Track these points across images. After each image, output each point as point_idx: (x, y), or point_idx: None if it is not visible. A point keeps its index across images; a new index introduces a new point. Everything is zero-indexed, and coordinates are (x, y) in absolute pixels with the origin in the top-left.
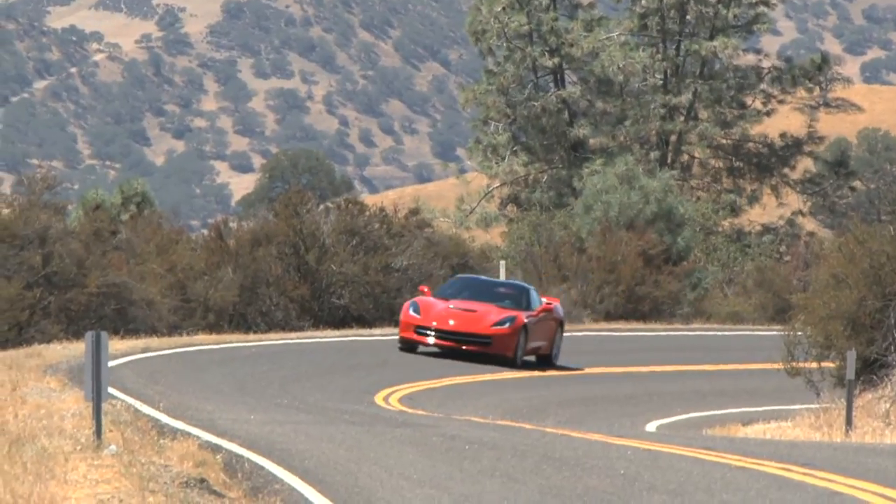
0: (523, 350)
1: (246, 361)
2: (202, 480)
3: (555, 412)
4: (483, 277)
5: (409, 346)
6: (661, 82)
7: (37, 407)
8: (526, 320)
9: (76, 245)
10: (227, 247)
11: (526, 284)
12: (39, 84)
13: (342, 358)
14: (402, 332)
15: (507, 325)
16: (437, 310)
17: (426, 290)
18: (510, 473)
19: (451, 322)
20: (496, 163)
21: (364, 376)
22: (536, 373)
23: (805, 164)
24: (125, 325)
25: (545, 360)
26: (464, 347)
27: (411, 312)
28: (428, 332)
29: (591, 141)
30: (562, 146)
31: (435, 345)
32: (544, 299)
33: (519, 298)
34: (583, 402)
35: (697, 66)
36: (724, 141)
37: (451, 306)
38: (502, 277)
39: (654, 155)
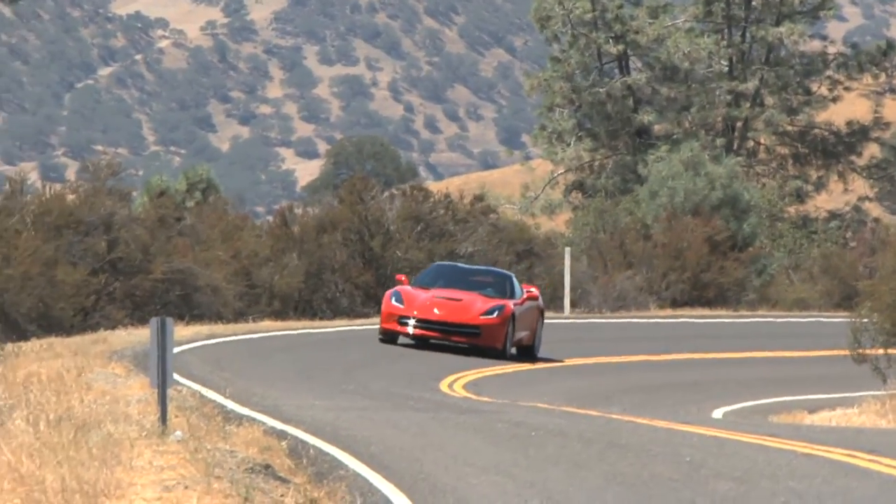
0: (511, 341)
1: (311, 348)
2: (267, 466)
3: (620, 399)
4: (462, 265)
5: (390, 338)
6: (726, 69)
7: (102, 393)
8: (514, 309)
9: (141, 231)
10: (292, 233)
11: (506, 271)
12: (104, 71)
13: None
14: (383, 324)
15: (495, 314)
16: (421, 299)
17: (404, 279)
18: (575, 460)
19: (437, 311)
20: (561, 149)
21: (429, 363)
22: (603, 359)
23: (871, 150)
24: (190, 311)
25: (527, 352)
26: (452, 338)
27: (393, 302)
28: (411, 323)
29: (657, 127)
30: (627, 132)
31: (419, 336)
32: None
33: (502, 286)
34: (648, 389)
35: (763, 52)
36: (789, 127)
37: (435, 295)
38: (567, 265)
39: (719, 141)
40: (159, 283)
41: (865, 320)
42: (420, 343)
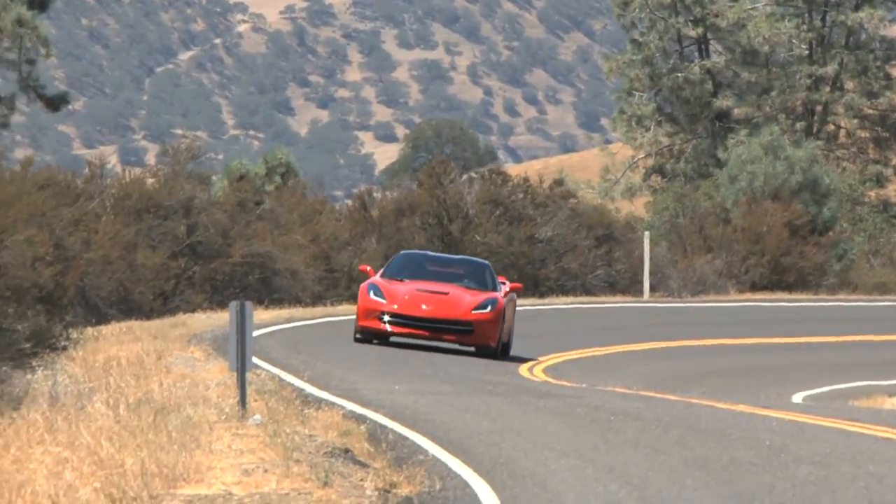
0: (502, 339)
1: None
2: (346, 451)
3: (700, 383)
4: (431, 253)
5: (370, 337)
6: (806, 52)
7: (181, 376)
8: (504, 302)
9: (220, 215)
10: (371, 217)
11: (482, 260)
12: (184, 55)
13: None
14: (361, 321)
15: (488, 308)
16: (403, 293)
17: (369, 269)
18: (654, 445)
19: (424, 307)
20: (640, 133)
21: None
22: (682, 343)
23: None
24: (269, 294)
25: (503, 350)
26: (444, 337)
27: (372, 297)
28: (395, 320)
29: (736, 111)
30: (706, 117)
31: (405, 334)
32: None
33: (481, 276)
34: (727, 373)
35: (843, 36)
36: (870, 111)
37: (417, 288)
38: (646, 250)
39: (799, 125)
40: (238, 266)
41: None
42: (399, 343)
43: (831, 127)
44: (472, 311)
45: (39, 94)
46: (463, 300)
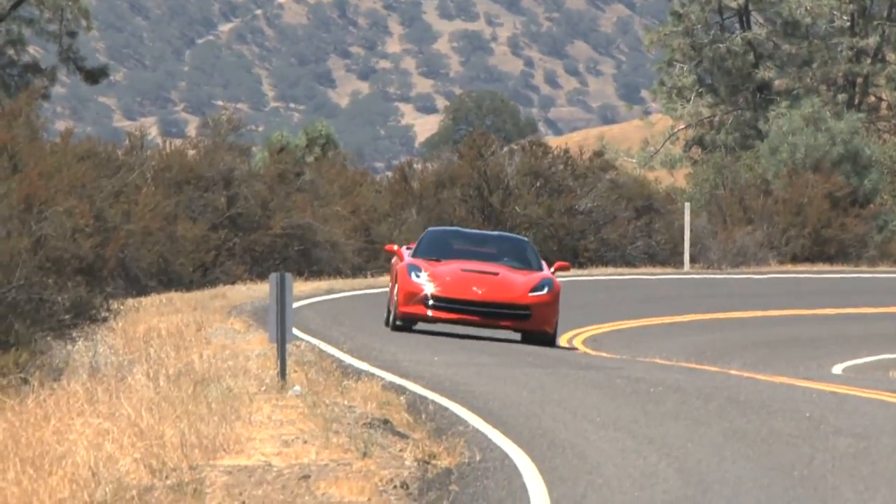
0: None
1: None
2: (386, 421)
3: (740, 354)
4: (463, 229)
5: (411, 324)
6: (848, 24)
7: (221, 348)
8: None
9: (261, 187)
10: (411, 188)
11: (520, 236)
12: (224, 27)
13: None
14: (402, 307)
15: (545, 290)
16: (450, 274)
17: (397, 248)
18: (694, 416)
19: (476, 290)
20: (681, 105)
21: None
22: (722, 315)
23: None
24: (309, 266)
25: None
26: (500, 324)
27: (414, 279)
28: (442, 305)
29: (777, 83)
30: (747, 88)
31: (453, 320)
32: None
33: (522, 254)
34: (768, 345)
35: (885, 8)
36: None
37: (464, 268)
38: (687, 221)
39: (840, 97)
40: (278, 238)
41: None
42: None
43: (872, 99)
44: (529, 294)
45: (80, 66)
46: (517, 281)
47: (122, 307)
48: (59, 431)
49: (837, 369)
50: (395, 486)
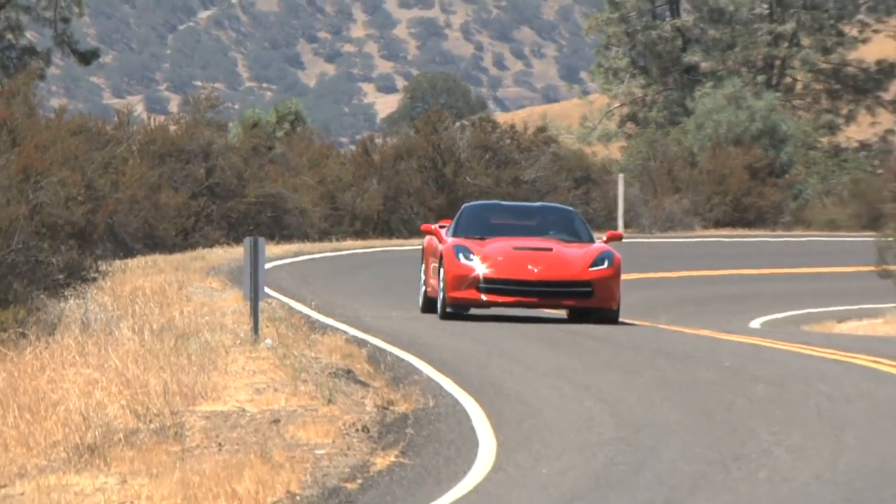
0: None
1: (389, 265)
2: (348, 371)
3: (668, 310)
4: (503, 202)
5: (463, 309)
6: (767, 12)
7: (200, 305)
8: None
9: (236, 159)
10: (373, 161)
11: (565, 206)
12: (203, 14)
13: None
14: (453, 292)
15: (605, 264)
16: (501, 252)
17: (434, 227)
18: (626, 366)
19: (533, 268)
20: (616, 85)
21: None
22: (652, 275)
23: None
24: (280, 231)
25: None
26: (563, 302)
27: (463, 261)
28: (497, 287)
29: (703, 65)
30: (676, 70)
31: (510, 303)
32: None
33: (570, 225)
34: (693, 302)
35: None
36: (824, 65)
37: (515, 246)
38: (620, 190)
39: (760, 78)
40: (252, 205)
41: (890, 239)
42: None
43: (789, 79)
44: (590, 269)
45: (72, 49)
46: (574, 256)
47: (110, 268)
48: (53, 381)
49: (755, 323)
50: (356, 430)
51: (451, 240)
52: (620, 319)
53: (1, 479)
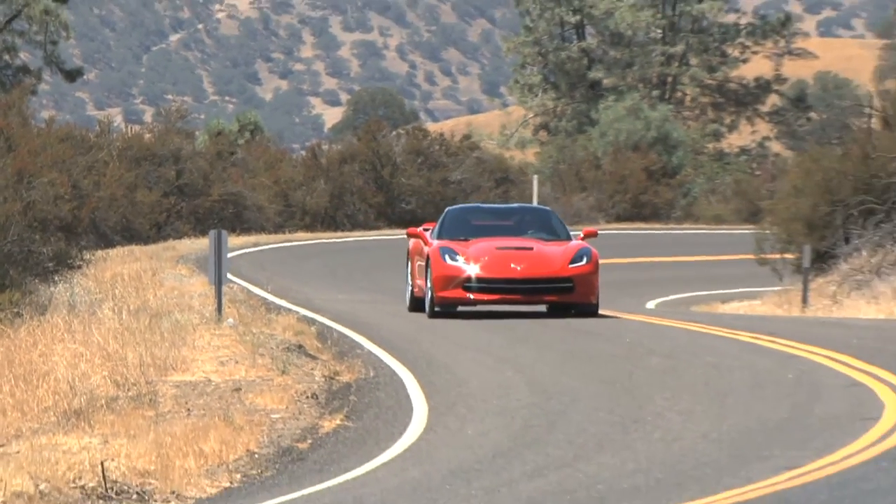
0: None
1: (335, 254)
2: (300, 346)
3: None
4: (483, 204)
5: (450, 308)
6: (660, 35)
7: (171, 289)
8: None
9: (202, 163)
10: (321, 164)
11: (542, 206)
12: (174, 37)
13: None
14: (441, 292)
15: (584, 260)
16: (483, 253)
17: (419, 230)
18: (540, 341)
19: (516, 266)
20: (531, 98)
21: None
22: None
23: (773, 100)
24: (240, 224)
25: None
26: (545, 298)
27: (449, 262)
28: (482, 286)
29: (605, 81)
30: (582, 85)
31: (494, 300)
32: None
33: (547, 224)
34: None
35: (689, 23)
36: (709, 81)
37: (498, 246)
38: (535, 189)
39: (654, 92)
40: (216, 203)
41: (767, 232)
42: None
43: (679, 94)
44: (569, 266)
45: (60, 67)
46: (554, 253)
47: (93, 257)
48: (44, 354)
49: (651, 304)
50: (307, 397)
51: (436, 242)
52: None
53: (1, 441)
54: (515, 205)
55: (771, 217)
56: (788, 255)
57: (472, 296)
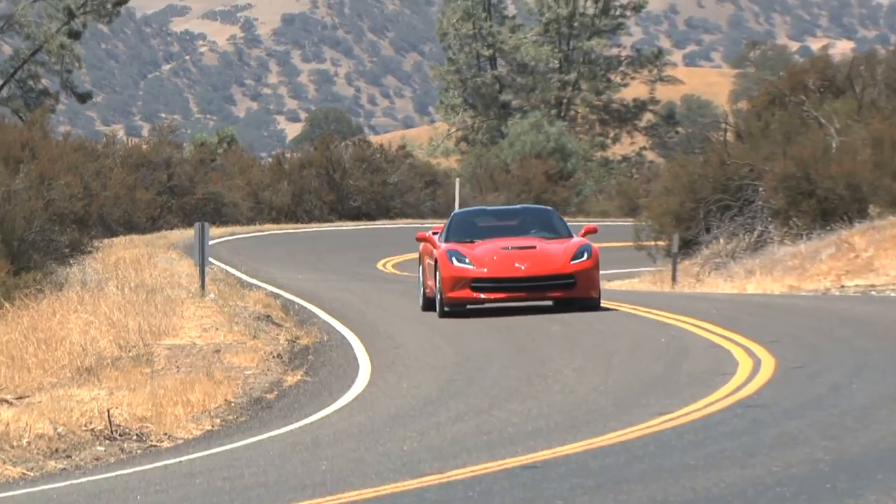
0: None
1: (296, 242)
2: (268, 316)
3: None
4: (487, 207)
5: (460, 307)
6: (557, 66)
7: (164, 270)
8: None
9: (189, 168)
10: (284, 169)
11: (543, 206)
12: (165, 66)
13: (357, 239)
14: (450, 293)
15: (584, 256)
16: (489, 254)
17: (428, 235)
18: (463, 313)
19: (520, 265)
20: (453, 116)
21: (370, 251)
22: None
23: (648, 117)
24: (219, 218)
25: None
26: (548, 295)
27: (457, 264)
28: (489, 285)
29: (513, 102)
30: (494, 106)
31: (501, 299)
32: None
33: (549, 222)
34: None
35: (581, 55)
36: (597, 103)
37: (503, 246)
38: (457, 189)
39: (553, 112)
40: (200, 200)
41: (643, 223)
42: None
43: (573, 112)
44: (571, 262)
45: (73, 91)
46: (556, 251)
47: (100, 244)
48: (60, 322)
49: None
50: (273, 357)
51: (444, 245)
52: None
53: (25, 392)
54: (518, 206)
55: (647, 212)
56: (661, 243)
57: (482, 295)
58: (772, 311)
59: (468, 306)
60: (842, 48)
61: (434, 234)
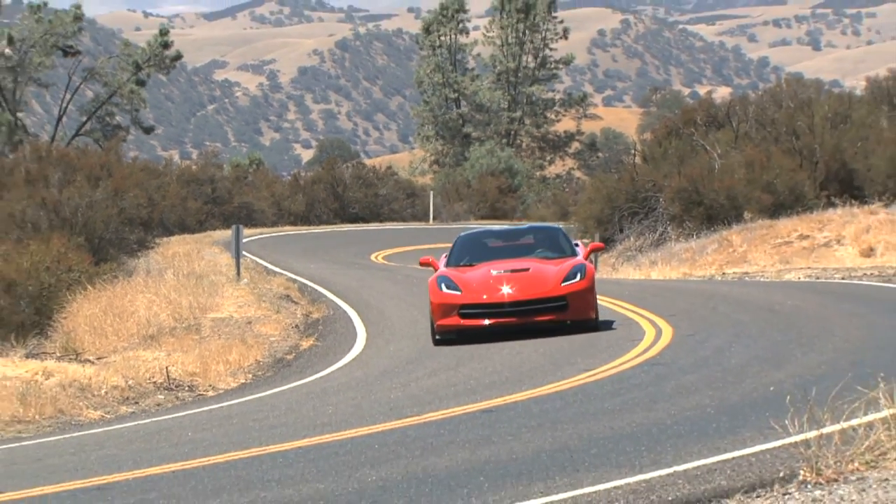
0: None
1: (309, 240)
2: (288, 296)
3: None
4: (493, 227)
5: (450, 336)
6: (506, 106)
7: (209, 261)
8: (593, 268)
9: (227, 183)
10: (300, 184)
11: (552, 224)
12: (210, 107)
13: (355, 237)
14: (440, 320)
15: (577, 277)
16: (479, 278)
17: (431, 259)
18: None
19: (507, 290)
20: (428, 144)
21: (366, 246)
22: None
23: (575, 145)
24: (251, 221)
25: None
26: (537, 319)
27: (445, 290)
28: (477, 312)
29: (473, 134)
30: (459, 137)
31: (492, 325)
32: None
33: (555, 242)
34: None
35: (524, 98)
36: (537, 134)
37: (492, 269)
38: (431, 200)
39: (504, 141)
40: (236, 208)
41: (572, 225)
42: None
43: (519, 141)
44: (562, 284)
45: (140, 126)
46: (548, 273)
47: (160, 242)
48: (131, 300)
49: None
50: (293, 327)
51: (439, 271)
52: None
53: (103, 354)
54: (525, 225)
55: (575, 216)
56: (585, 240)
57: (465, 322)
58: (670, 292)
59: (466, 334)
60: (722, 93)
61: (445, 258)
